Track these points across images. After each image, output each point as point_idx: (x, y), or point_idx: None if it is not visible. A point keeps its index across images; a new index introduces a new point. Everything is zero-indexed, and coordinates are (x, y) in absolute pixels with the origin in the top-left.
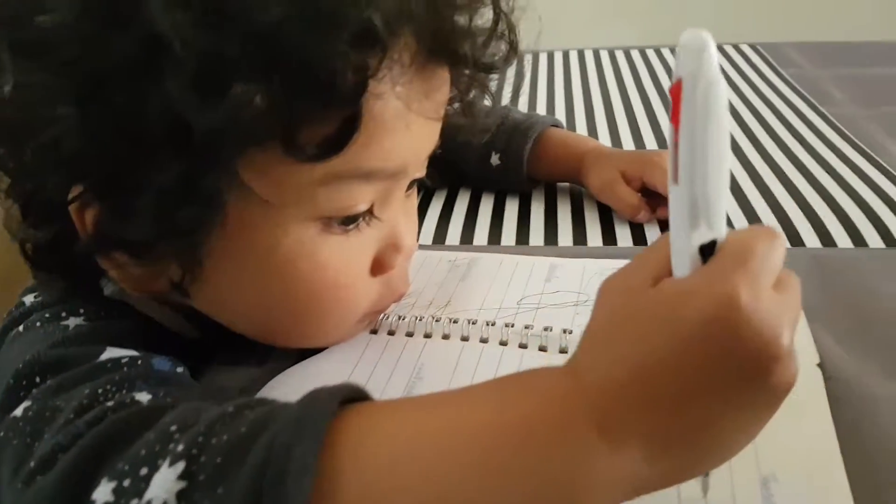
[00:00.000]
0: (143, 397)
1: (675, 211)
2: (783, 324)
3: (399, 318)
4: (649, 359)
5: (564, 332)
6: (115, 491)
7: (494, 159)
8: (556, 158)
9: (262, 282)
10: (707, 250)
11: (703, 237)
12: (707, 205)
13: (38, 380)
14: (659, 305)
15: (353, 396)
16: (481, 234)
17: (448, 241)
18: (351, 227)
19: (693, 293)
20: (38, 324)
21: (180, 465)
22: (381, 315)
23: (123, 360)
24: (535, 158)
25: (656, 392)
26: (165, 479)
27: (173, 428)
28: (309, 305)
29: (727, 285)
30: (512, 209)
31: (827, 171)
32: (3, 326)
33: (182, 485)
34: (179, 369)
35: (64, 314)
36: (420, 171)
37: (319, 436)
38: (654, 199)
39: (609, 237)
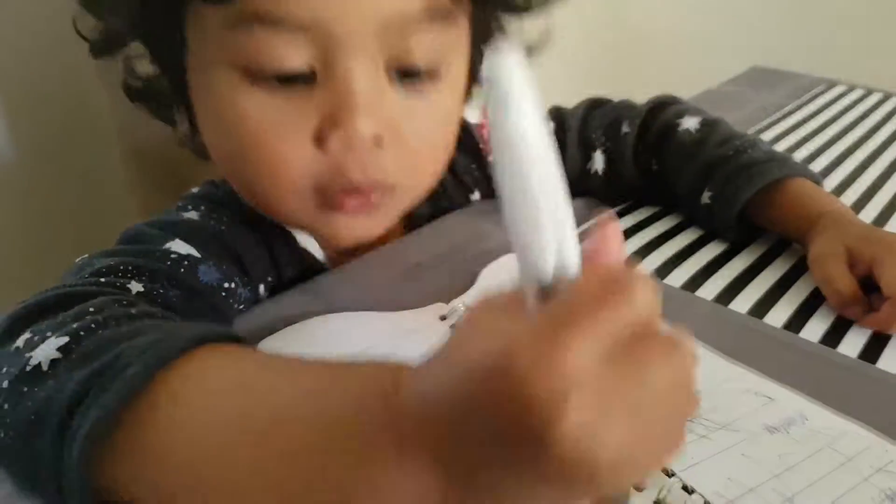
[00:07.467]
0: (135, 287)
1: None
2: (573, 396)
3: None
4: (446, 393)
5: None
6: (26, 340)
7: (705, 197)
8: (785, 214)
9: (208, 126)
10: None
11: (534, 285)
12: (527, 257)
13: (117, 244)
14: (471, 337)
15: (215, 337)
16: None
17: None
18: (290, 86)
19: (489, 336)
20: (173, 205)
21: (63, 339)
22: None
23: (173, 256)
24: (761, 207)
25: (445, 429)
26: (50, 345)
27: (91, 309)
28: (239, 156)
29: (513, 338)
30: (708, 251)
31: None
32: None
33: (57, 355)
34: (227, 284)
35: (190, 207)
36: (373, 40)
37: (149, 370)
38: (880, 296)
39: (800, 321)
